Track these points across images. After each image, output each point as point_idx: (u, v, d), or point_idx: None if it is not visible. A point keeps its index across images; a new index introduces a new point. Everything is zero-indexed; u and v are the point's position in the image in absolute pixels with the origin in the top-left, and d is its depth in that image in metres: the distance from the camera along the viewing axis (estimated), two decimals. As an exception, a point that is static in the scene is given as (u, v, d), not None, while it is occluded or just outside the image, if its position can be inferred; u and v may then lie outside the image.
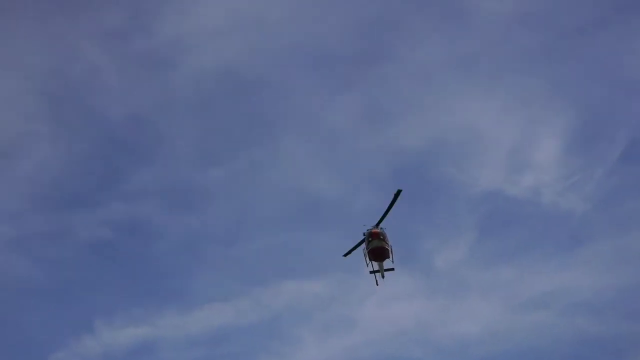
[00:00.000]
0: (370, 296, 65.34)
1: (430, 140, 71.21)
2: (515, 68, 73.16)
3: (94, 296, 65.56)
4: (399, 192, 40.57)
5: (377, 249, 43.64)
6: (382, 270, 46.46)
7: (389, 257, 44.72)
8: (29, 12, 68.76)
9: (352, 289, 65.37)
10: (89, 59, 68.96)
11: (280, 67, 74.29)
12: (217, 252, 69.66)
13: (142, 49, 69.70)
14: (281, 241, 69.14)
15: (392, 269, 46.32)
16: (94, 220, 67.33)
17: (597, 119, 72.91)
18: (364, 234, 43.81)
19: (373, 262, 45.01)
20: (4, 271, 63.14)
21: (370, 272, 46.21)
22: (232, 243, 70.16)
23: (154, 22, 70.07)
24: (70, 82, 68.99)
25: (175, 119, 72.74)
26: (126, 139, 71.55)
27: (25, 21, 68.61)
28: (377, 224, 43.76)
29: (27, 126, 68.36)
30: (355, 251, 45.21)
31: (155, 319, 63.28)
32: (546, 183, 69.42)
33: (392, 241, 43.73)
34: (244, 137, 73.16)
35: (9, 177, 67.13)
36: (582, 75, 73.67)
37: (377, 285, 46.76)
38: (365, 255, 44.72)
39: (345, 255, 46.19)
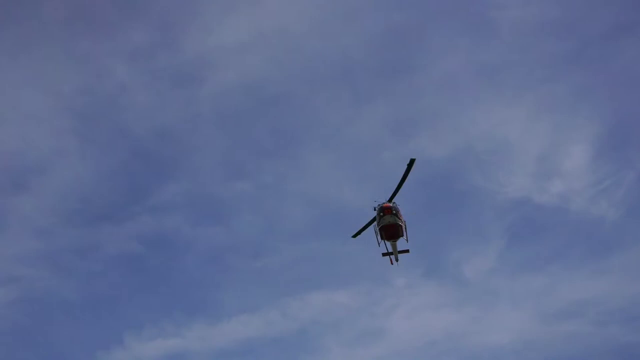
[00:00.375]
0: (399, 306, 65.03)
1: (456, 149, 70.82)
2: (541, 75, 72.66)
3: (124, 309, 66.21)
4: (412, 161, 37.19)
5: (389, 226, 39.67)
6: (395, 253, 42.86)
7: (402, 236, 40.72)
8: (58, 32, 70.51)
9: (379, 299, 65.16)
10: (117, 77, 70.28)
11: (304, 80, 74.89)
12: (244, 264, 69.93)
13: (168, 66, 70.84)
14: (307, 252, 69.25)
15: (407, 251, 42.70)
16: (123, 234, 68.24)
17: (625, 124, 72.06)
18: (375, 209, 39.83)
19: (386, 241, 41.17)
20: (34, 286, 64.05)
21: (383, 255, 42.85)
22: (259, 255, 70.38)
23: (179, 39, 71.24)
24: (99, 99, 70.29)
25: (201, 134, 73.57)
26: (153, 154, 72.55)
27: (54, 41, 70.29)
28: (390, 199, 39.56)
29: (57, 143, 69.70)
30: (366, 231, 41.14)
31: (184, 331, 63.65)
32: (575, 190, 68.62)
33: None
34: (269, 150, 73.64)
35: (39, 193, 68.39)
36: (608, 81, 72.82)
37: (392, 264, 43.15)
38: (376, 233, 40.69)
39: (354, 236, 42.33)
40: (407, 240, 41.32)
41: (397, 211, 39.80)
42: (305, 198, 71.93)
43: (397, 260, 43.45)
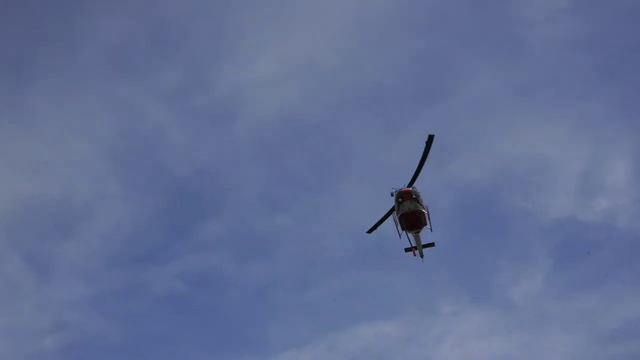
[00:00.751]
0: (447, 335, 63.92)
1: (495, 172, 69.99)
2: (576, 92, 71.95)
3: (171, 349, 66.25)
4: (431, 137, 33.44)
5: (410, 214, 34.96)
6: (420, 247, 38.47)
7: (425, 224, 35.86)
8: (94, 78, 72.05)
9: (427, 327, 64.12)
10: (153, 119, 71.57)
11: (338, 111, 75.13)
12: (289, 298, 69.62)
13: (203, 104, 71.99)
14: (352, 283, 68.52)
15: (432, 244, 38.65)
16: (167, 274, 68.63)
17: (666, 134, 70.67)
18: (392, 194, 35.38)
19: (407, 233, 36.53)
20: (81, 330, 64.54)
21: (406, 250, 39.01)
22: (303, 288, 70.04)
23: (211, 77, 72.42)
24: (137, 142, 71.59)
25: (239, 169, 74.13)
26: (194, 192, 73.23)
27: (91, 87, 71.87)
28: (410, 183, 35.28)
29: (99, 188, 70.90)
30: (382, 225, 37.53)
31: (232, 369, 63.45)
32: (621, 206, 66.92)
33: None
34: (306, 182, 73.75)
35: (84, 238, 69.27)
36: (645, 93, 71.81)
37: (415, 256, 38.80)
38: (396, 224, 36.20)
39: (369, 231, 38.44)
40: (431, 229, 36.50)
41: (418, 196, 35.24)
42: (345, 228, 71.41)
43: (421, 255, 39.37)
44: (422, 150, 34.09)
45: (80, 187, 70.54)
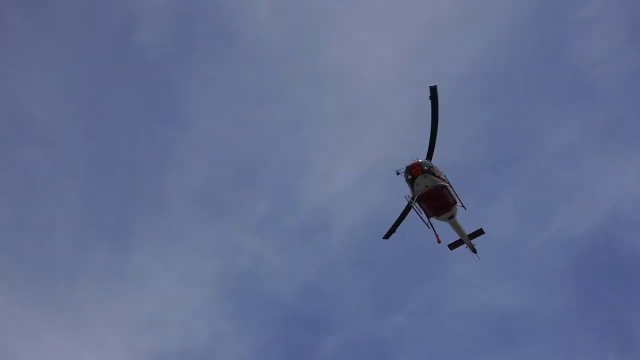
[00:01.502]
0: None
1: (602, 217, 66.31)
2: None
3: None
4: (432, 88, 27.25)
5: (430, 194, 26.69)
6: (466, 239, 31.48)
7: (455, 202, 28.32)
8: (188, 224, 75.48)
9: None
10: (250, 249, 73.52)
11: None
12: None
13: (293, 224, 73.54)
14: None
15: (481, 232, 31.69)
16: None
17: None
18: (397, 174, 27.56)
19: (430, 222, 28.62)
20: None
21: (452, 248, 32.83)
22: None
23: (295, 197, 74.30)
24: (240, 276, 73.30)
25: (342, 279, 73.91)
26: (304, 312, 73.24)
27: (186, 234, 75.18)
28: (429, 155, 27.53)
29: (215, 329, 72.30)
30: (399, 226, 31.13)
31: None
32: None
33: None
34: (412, 275, 72.23)
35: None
36: None
37: (475, 254, 31.73)
38: (418, 212, 27.90)
39: (386, 237, 31.89)
40: (463, 206, 28.79)
41: (431, 167, 27.48)
42: (463, 312, 68.91)
43: (473, 250, 32.27)
44: (431, 113, 27.66)
45: (198, 333, 72.36)
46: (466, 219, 32.37)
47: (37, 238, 69.41)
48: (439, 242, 29.54)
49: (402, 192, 27.49)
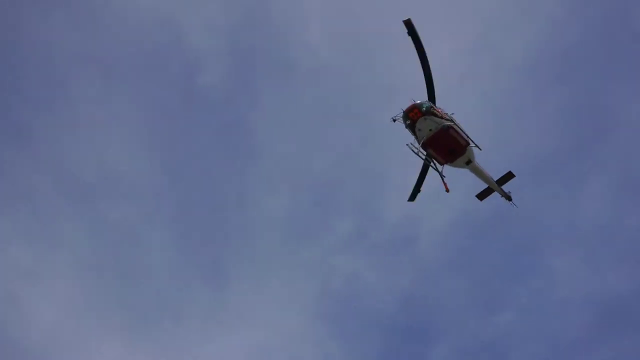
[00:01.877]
0: None
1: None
2: None
3: None
4: (408, 23, 24.21)
5: (437, 137, 23.42)
6: (495, 186, 28.66)
7: (468, 144, 25.09)
8: (277, 255, 76.57)
9: None
10: (343, 269, 73.77)
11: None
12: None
13: (382, 238, 73.40)
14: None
15: (511, 175, 28.72)
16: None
17: None
18: (394, 121, 24.43)
19: (452, 166, 26.32)
20: None
21: (481, 199, 30.21)
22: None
23: (378, 211, 74.21)
24: (338, 296, 73.66)
25: (441, 286, 73.26)
26: (407, 324, 72.86)
27: (278, 264, 76.19)
28: (430, 96, 24.37)
29: (322, 349, 72.69)
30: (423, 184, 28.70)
31: None
32: None
33: None
34: (511, 269, 71.11)
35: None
36: None
37: (510, 201, 29.22)
38: (430, 162, 25.06)
39: (411, 199, 30.56)
40: (478, 147, 25.70)
41: (430, 108, 24.28)
42: (573, 300, 67.32)
43: (508, 198, 29.44)
44: (415, 49, 24.72)
45: (307, 357, 72.86)
46: (491, 167, 29.53)
47: (138, 286, 71.71)
48: (447, 190, 27.45)
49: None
